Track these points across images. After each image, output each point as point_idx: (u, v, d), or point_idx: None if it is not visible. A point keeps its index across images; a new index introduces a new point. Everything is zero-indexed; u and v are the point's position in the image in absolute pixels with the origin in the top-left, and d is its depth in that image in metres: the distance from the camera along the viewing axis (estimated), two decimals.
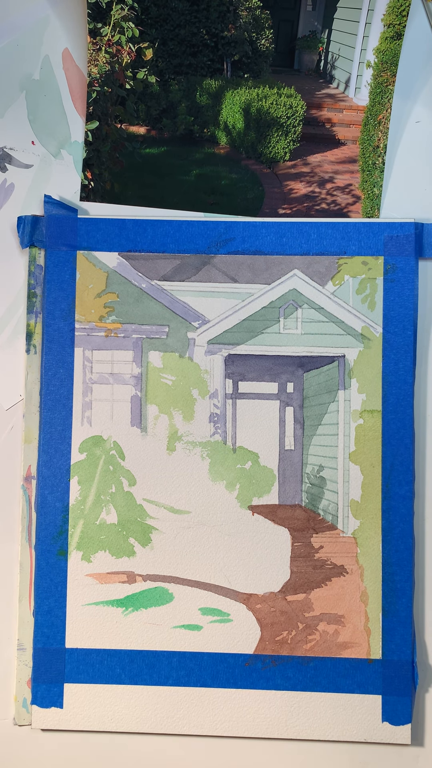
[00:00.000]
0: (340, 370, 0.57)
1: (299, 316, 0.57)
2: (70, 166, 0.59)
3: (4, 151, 0.59)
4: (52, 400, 0.57)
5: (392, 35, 0.57)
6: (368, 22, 0.58)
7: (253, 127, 0.61)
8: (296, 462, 0.57)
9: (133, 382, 0.57)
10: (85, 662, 0.56)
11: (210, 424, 0.57)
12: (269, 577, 0.56)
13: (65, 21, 0.58)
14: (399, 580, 0.55)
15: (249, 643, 0.56)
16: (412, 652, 0.55)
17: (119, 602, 0.56)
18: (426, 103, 0.58)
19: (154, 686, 0.55)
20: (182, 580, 0.56)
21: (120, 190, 0.59)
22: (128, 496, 0.57)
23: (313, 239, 0.57)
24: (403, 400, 0.56)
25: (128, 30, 0.58)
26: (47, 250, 0.57)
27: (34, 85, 0.58)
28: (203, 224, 0.57)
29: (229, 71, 0.61)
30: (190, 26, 0.59)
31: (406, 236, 0.56)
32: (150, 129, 0.60)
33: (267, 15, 0.60)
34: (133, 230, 0.57)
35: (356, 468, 0.56)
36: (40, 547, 0.56)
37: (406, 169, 0.58)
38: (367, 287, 0.57)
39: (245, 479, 0.57)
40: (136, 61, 0.59)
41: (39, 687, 0.56)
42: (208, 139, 0.61)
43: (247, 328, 0.57)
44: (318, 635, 0.55)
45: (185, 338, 0.57)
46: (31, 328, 0.57)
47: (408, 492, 0.55)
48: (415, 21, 0.57)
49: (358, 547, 0.56)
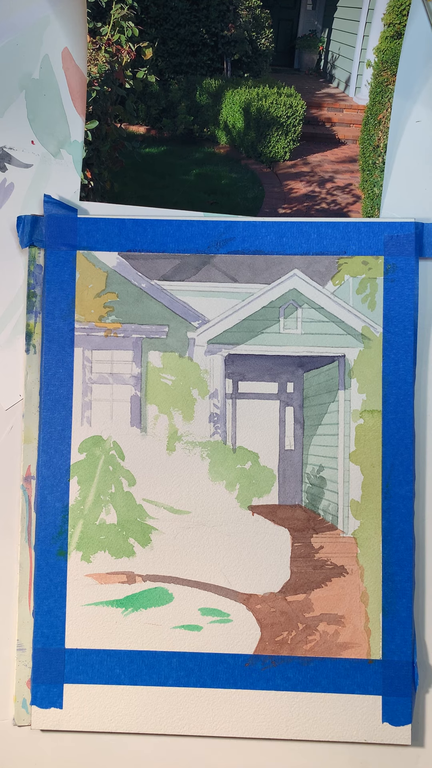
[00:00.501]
0: (340, 370, 0.57)
1: (299, 315, 0.57)
2: (69, 166, 0.59)
3: (4, 151, 0.59)
4: (51, 400, 0.57)
5: (392, 35, 0.57)
6: (368, 21, 0.58)
7: (253, 127, 0.61)
8: (296, 462, 0.57)
9: (133, 382, 0.57)
10: (84, 663, 0.56)
11: (210, 424, 0.57)
12: (269, 577, 0.56)
13: (65, 20, 0.58)
14: (399, 581, 0.55)
15: (249, 643, 0.56)
16: (412, 653, 0.55)
17: (119, 602, 0.56)
18: (426, 103, 0.58)
19: (154, 687, 0.55)
20: (182, 580, 0.56)
21: (120, 190, 0.59)
22: (128, 496, 0.56)
23: (313, 239, 0.57)
24: (403, 400, 0.56)
25: (128, 29, 0.58)
26: (47, 250, 0.57)
27: (33, 84, 0.58)
28: (203, 224, 0.57)
29: (229, 71, 0.61)
30: (189, 25, 0.59)
31: (406, 236, 0.56)
32: (150, 128, 0.60)
33: (267, 14, 0.60)
34: (132, 230, 0.57)
35: (356, 468, 0.56)
36: (40, 547, 0.56)
37: (406, 168, 0.58)
38: (367, 287, 0.57)
39: (245, 479, 0.56)
40: (136, 60, 0.59)
41: (38, 687, 0.56)
42: (208, 139, 0.61)
43: (247, 327, 0.57)
44: (318, 636, 0.55)
45: (185, 338, 0.57)
46: (31, 327, 0.57)
47: (408, 492, 0.55)
48: (415, 20, 0.57)
49: (358, 547, 0.56)
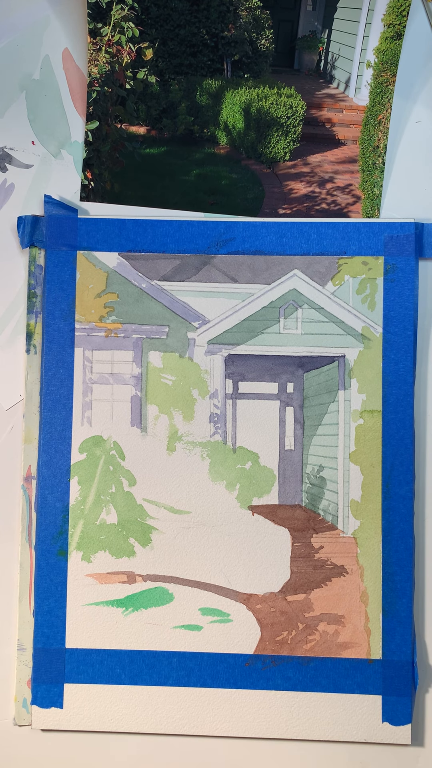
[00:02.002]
0: (340, 370, 0.57)
1: (299, 316, 0.57)
2: (70, 166, 0.59)
3: (4, 151, 0.59)
4: (52, 400, 0.57)
5: (392, 35, 0.57)
6: (368, 22, 0.58)
7: (253, 127, 0.61)
8: (296, 462, 0.57)
9: (133, 382, 0.57)
10: (85, 662, 0.56)
11: (210, 424, 0.57)
12: (269, 577, 0.56)
13: (65, 21, 0.58)
14: (399, 580, 0.55)
15: (249, 643, 0.56)
16: (412, 653, 0.55)
17: (119, 602, 0.56)
18: (426, 103, 0.58)
19: (154, 686, 0.55)
20: (182, 580, 0.56)
21: (120, 190, 0.59)
22: (128, 496, 0.57)
23: (313, 239, 0.57)
24: (403, 400, 0.56)
25: (128, 30, 0.58)
26: (47, 250, 0.57)
27: (34, 85, 0.58)
28: (203, 224, 0.57)
29: (229, 71, 0.61)
30: (190, 26, 0.59)
31: (406, 236, 0.56)
32: (150, 129, 0.60)
33: (267, 15, 0.60)
34: (133, 230, 0.57)
35: (356, 468, 0.56)
36: (40, 547, 0.56)
37: (406, 169, 0.58)
38: (367, 287, 0.57)
39: (245, 479, 0.56)
40: (136, 61, 0.59)
41: (39, 687, 0.56)
42: (208, 139, 0.61)
43: (247, 328, 0.57)
44: (318, 635, 0.55)
45: (185, 338, 0.57)
46: (31, 328, 0.57)
47: (408, 492, 0.55)
48: (415, 21, 0.57)
49: (358, 547, 0.56)
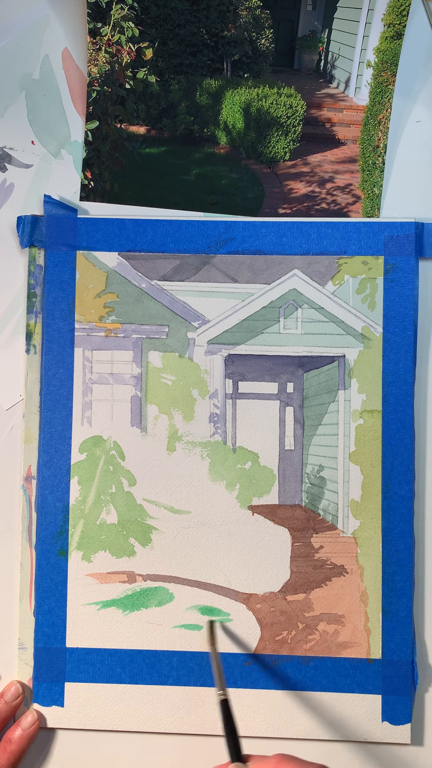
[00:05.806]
0: (340, 370, 0.57)
1: (299, 316, 0.57)
2: (69, 166, 0.59)
3: (4, 151, 0.59)
4: (52, 400, 0.57)
5: (392, 35, 0.57)
6: (368, 21, 0.58)
7: (253, 127, 0.61)
8: (296, 462, 0.57)
9: (133, 382, 0.57)
10: (85, 661, 0.56)
11: (210, 424, 0.57)
12: (269, 577, 0.56)
13: (65, 21, 0.58)
14: (399, 580, 0.55)
15: (249, 642, 0.56)
16: (411, 652, 0.55)
17: (119, 602, 0.56)
18: (426, 103, 0.58)
19: (155, 685, 0.56)
20: (182, 580, 0.56)
21: (120, 190, 0.59)
22: (128, 496, 0.57)
23: (313, 239, 0.57)
24: (403, 400, 0.56)
25: (128, 30, 0.58)
26: (47, 250, 0.57)
27: (34, 84, 0.58)
28: (203, 224, 0.57)
29: (229, 71, 0.61)
30: (190, 26, 0.59)
31: (406, 236, 0.56)
32: (150, 129, 0.60)
33: (267, 15, 0.60)
34: (133, 230, 0.57)
35: (356, 468, 0.56)
36: (41, 546, 0.56)
37: (406, 168, 0.58)
38: (367, 287, 0.57)
39: (245, 479, 0.57)
40: (136, 60, 0.59)
41: (40, 686, 0.56)
42: (208, 139, 0.61)
43: (247, 328, 0.57)
44: (318, 635, 0.55)
45: (185, 338, 0.57)
46: (31, 328, 0.57)
47: (408, 492, 0.55)
48: (415, 21, 0.57)
49: (358, 547, 0.56)
